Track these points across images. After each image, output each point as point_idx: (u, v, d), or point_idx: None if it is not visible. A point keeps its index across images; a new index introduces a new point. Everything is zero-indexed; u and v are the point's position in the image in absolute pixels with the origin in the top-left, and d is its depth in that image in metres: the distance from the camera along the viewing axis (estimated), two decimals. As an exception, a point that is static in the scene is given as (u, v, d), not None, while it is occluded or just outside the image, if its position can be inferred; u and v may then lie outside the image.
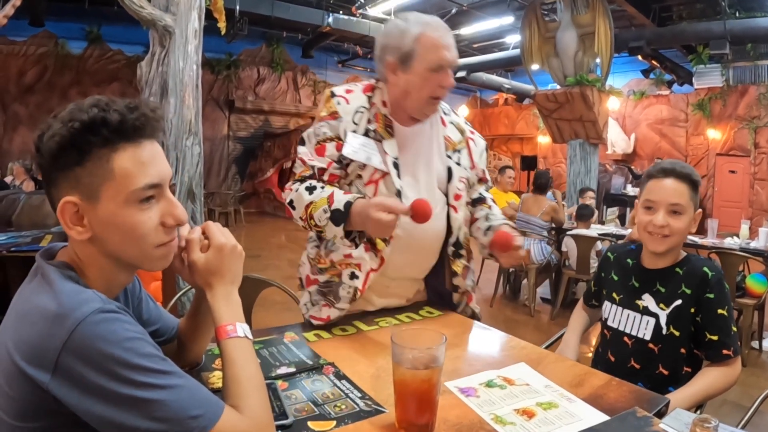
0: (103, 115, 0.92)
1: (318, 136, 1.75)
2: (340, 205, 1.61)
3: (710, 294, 1.69)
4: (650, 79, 14.09)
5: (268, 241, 10.79)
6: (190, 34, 5.01)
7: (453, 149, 1.89)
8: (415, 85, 1.71)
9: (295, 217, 1.73)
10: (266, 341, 1.62)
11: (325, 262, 1.81)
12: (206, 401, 0.90)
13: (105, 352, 0.83)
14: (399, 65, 1.71)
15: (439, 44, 1.68)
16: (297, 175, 1.77)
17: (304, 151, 1.77)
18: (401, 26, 1.71)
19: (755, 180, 12.43)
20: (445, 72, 1.71)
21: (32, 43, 12.12)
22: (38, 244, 3.79)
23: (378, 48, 1.78)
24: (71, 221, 0.95)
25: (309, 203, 1.65)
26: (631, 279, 1.83)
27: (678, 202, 1.70)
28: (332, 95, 1.79)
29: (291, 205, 1.73)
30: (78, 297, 0.89)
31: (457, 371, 1.42)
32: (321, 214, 1.62)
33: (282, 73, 15.66)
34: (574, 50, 8.47)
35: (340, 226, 1.61)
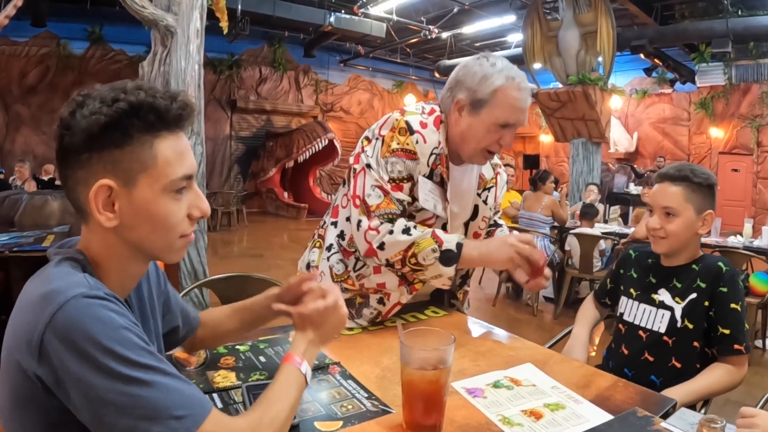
0: (151, 101, 0.91)
1: (392, 173, 1.63)
2: (451, 245, 1.57)
3: (723, 288, 1.73)
4: (652, 78, 14.06)
5: (270, 241, 10.80)
6: (191, 34, 5.01)
7: (484, 187, 1.88)
8: (476, 132, 1.65)
9: (380, 257, 1.62)
10: (271, 340, 1.62)
11: (354, 285, 1.76)
12: (192, 401, 0.86)
13: (87, 337, 0.80)
14: (468, 107, 1.65)
15: (515, 105, 1.63)
16: (378, 207, 1.63)
17: (377, 178, 1.64)
18: (486, 70, 1.63)
19: (758, 178, 12.41)
20: (510, 130, 1.66)
21: (34, 44, 12.13)
22: (40, 244, 3.80)
23: (452, 80, 1.71)
24: (104, 206, 0.91)
25: (411, 243, 1.57)
26: (649, 276, 1.89)
27: (668, 205, 1.78)
28: (410, 130, 1.65)
29: (380, 247, 1.60)
30: (66, 279, 0.88)
31: (464, 371, 1.42)
32: (428, 253, 1.57)
33: (284, 72, 15.67)
34: (576, 49, 8.46)
35: (451, 266, 1.58)
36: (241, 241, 10.74)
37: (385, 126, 1.67)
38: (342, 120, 16.77)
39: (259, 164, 14.85)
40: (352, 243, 1.73)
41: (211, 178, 13.81)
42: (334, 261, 1.78)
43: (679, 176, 1.77)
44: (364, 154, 1.68)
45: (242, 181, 15.22)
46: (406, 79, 17.71)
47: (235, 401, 1.24)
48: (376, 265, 1.71)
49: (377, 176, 1.64)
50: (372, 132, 1.71)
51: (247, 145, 15.25)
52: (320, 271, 1.82)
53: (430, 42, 13.78)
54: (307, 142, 13.57)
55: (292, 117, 15.84)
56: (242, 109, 14.95)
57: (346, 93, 16.94)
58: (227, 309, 1.41)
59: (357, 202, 1.66)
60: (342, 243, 1.78)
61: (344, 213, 1.78)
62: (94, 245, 0.97)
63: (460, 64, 1.72)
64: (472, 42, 14.11)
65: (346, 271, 1.76)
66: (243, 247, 10.09)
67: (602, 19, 8.18)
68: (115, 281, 0.98)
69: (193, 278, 5.08)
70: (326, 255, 1.81)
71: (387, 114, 1.72)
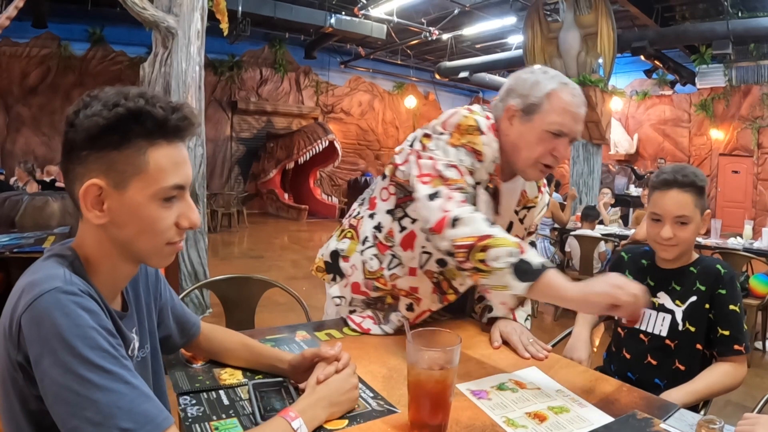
0: (150, 108, 0.93)
1: (462, 162, 1.52)
2: (533, 260, 1.31)
3: (722, 290, 1.73)
4: (653, 80, 14.07)
5: (271, 242, 10.79)
6: (192, 36, 5.01)
7: (524, 205, 1.80)
8: (527, 141, 1.55)
9: (450, 235, 1.38)
10: (278, 339, 1.63)
11: (386, 285, 1.72)
12: (144, 416, 0.85)
13: (52, 330, 0.83)
14: (519, 114, 1.56)
15: (569, 110, 1.53)
16: (456, 181, 1.48)
17: (448, 160, 1.51)
18: (538, 76, 1.57)
19: (758, 180, 12.41)
20: (563, 140, 1.55)
21: (35, 45, 12.13)
22: (41, 245, 3.80)
23: (504, 89, 1.64)
24: (92, 204, 0.95)
25: (488, 234, 1.34)
26: (646, 278, 1.87)
27: (683, 214, 1.74)
28: (479, 129, 1.55)
29: (454, 222, 1.38)
30: (45, 272, 0.91)
31: (469, 374, 1.43)
32: (503, 254, 1.31)
33: (284, 74, 15.67)
34: (576, 50, 8.46)
35: (524, 282, 1.29)
36: (242, 243, 10.74)
37: (449, 123, 1.57)
38: (342, 121, 16.77)
39: (259, 165, 14.86)
40: (391, 237, 1.69)
41: (212, 179, 13.81)
42: (369, 255, 1.74)
43: (687, 182, 1.73)
44: (426, 152, 1.55)
45: (243, 183, 15.22)
46: (406, 81, 17.72)
47: (241, 398, 1.25)
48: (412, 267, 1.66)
49: (449, 159, 1.51)
50: (432, 128, 1.60)
51: (247, 147, 15.26)
52: (351, 263, 1.79)
53: (430, 43, 13.78)
54: (308, 143, 13.57)
55: (292, 118, 15.85)
56: (243, 110, 14.96)
57: (346, 94, 16.95)
58: (240, 339, 1.43)
59: (426, 179, 1.48)
60: (378, 236, 1.73)
61: (384, 206, 1.74)
62: (87, 241, 1.01)
63: (511, 75, 1.66)
64: (473, 43, 14.11)
65: (380, 269, 1.72)
66: (243, 249, 10.09)
67: (603, 20, 8.18)
68: (106, 278, 1.01)
69: (194, 279, 5.08)
70: (360, 248, 1.77)
71: (451, 111, 1.61)
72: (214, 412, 1.18)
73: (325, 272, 1.88)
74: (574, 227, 6.28)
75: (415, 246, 1.67)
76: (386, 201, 1.74)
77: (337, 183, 16.69)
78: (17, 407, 0.90)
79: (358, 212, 1.86)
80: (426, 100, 18.42)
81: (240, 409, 1.20)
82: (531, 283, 1.29)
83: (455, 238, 1.36)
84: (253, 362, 1.38)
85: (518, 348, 1.61)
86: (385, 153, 17.70)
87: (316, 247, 9.61)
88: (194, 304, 5.10)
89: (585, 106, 1.58)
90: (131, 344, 1.07)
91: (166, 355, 1.40)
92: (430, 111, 18.41)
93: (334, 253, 1.84)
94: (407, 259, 1.68)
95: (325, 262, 1.88)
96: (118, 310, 1.05)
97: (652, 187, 1.81)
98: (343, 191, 16.05)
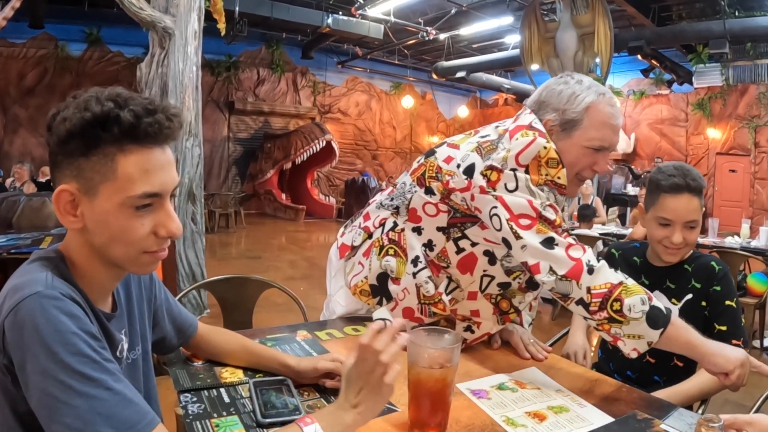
0: (117, 113, 0.89)
1: (550, 200, 1.44)
2: (660, 305, 1.33)
3: (717, 286, 1.75)
4: (650, 79, 14.06)
5: (268, 243, 10.79)
6: (189, 36, 5.01)
7: None
8: (567, 157, 1.46)
9: (587, 283, 1.33)
10: (278, 339, 1.63)
11: (445, 311, 1.62)
12: (125, 422, 0.84)
13: (33, 335, 0.83)
14: (557, 129, 1.49)
15: (608, 122, 1.47)
16: (562, 222, 1.42)
17: (540, 203, 1.41)
18: (573, 88, 1.49)
19: (755, 179, 12.42)
20: (604, 155, 1.51)
21: (32, 46, 12.12)
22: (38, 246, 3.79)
23: (535, 101, 1.55)
24: (65, 209, 0.94)
25: (620, 282, 1.33)
26: (641, 277, 1.86)
27: (694, 219, 1.74)
28: (561, 163, 1.45)
29: (590, 270, 1.34)
30: (28, 277, 0.91)
31: (469, 373, 1.44)
32: (637, 303, 1.30)
33: (282, 74, 15.66)
34: (573, 50, 8.47)
35: (658, 329, 1.30)
36: (239, 243, 10.73)
37: (525, 154, 1.42)
38: (340, 121, 16.76)
39: (257, 166, 14.85)
40: (445, 256, 1.57)
41: (209, 179, 13.80)
42: (423, 278, 1.59)
43: (696, 187, 1.72)
44: (498, 191, 1.42)
45: (240, 183, 15.21)
46: (403, 81, 17.71)
47: (242, 396, 1.26)
48: (472, 291, 1.58)
49: (541, 201, 1.41)
50: (502, 161, 1.43)
51: (244, 147, 15.25)
52: (403, 286, 1.62)
53: (427, 43, 13.78)
54: (305, 143, 13.57)
55: (290, 118, 15.83)
56: (240, 110, 14.95)
57: (343, 94, 16.94)
58: (239, 341, 1.42)
59: (524, 222, 1.39)
60: (430, 254, 1.59)
61: (433, 222, 1.58)
62: (71, 244, 1.00)
63: (542, 85, 1.58)
64: (470, 43, 14.11)
65: (437, 293, 1.59)
66: (241, 249, 10.08)
67: (600, 20, 8.19)
68: (91, 279, 0.99)
69: (191, 280, 5.08)
70: (412, 269, 1.61)
71: (521, 139, 1.44)
72: (215, 410, 1.18)
73: (370, 296, 1.70)
74: (572, 227, 6.28)
75: (476, 270, 1.57)
76: (434, 217, 1.58)
77: (335, 183, 16.68)
78: (7, 410, 0.90)
79: (395, 224, 1.68)
80: (423, 100, 18.42)
81: (241, 406, 1.21)
82: (664, 329, 1.31)
83: (593, 286, 1.33)
84: (253, 364, 1.38)
85: (518, 348, 1.61)
86: (382, 153, 17.70)
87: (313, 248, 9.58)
88: (192, 305, 5.09)
89: (621, 114, 1.53)
90: (119, 345, 1.06)
91: (166, 355, 1.41)
92: (427, 111, 18.42)
93: (382, 276, 1.67)
94: (466, 283, 1.59)
95: (371, 285, 1.69)
96: (107, 311, 1.04)
97: (659, 189, 1.76)
98: (340, 191, 16.04)
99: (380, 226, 1.72)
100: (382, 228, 1.71)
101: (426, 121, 18.43)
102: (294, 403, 1.19)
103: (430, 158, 1.62)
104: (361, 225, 1.80)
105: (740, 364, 1.32)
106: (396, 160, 17.90)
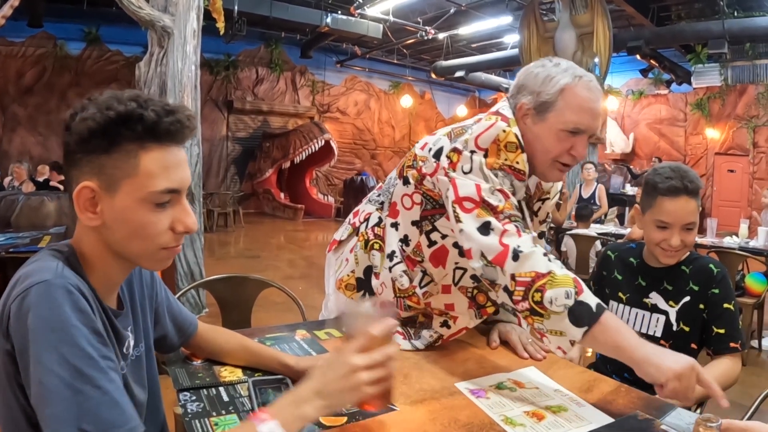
0: (140, 111, 0.93)
1: (503, 185, 1.40)
2: (590, 301, 1.25)
3: (715, 289, 1.73)
4: (649, 79, 14.08)
5: (267, 242, 10.78)
6: (188, 35, 5.00)
7: (538, 198, 1.69)
8: (542, 141, 1.46)
9: (511, 269, 1.29)
10: (277, 338, 1.64)
11: (419, 304, 1.62)
12: (108, 422, 0.84)
13: (35, 324, 0.84)
14: (532, 113, 1.47)
15: (585, 105, 1.43)
16: (504, 209, 1.37)
17: (490, 185, 1.39)
18: (549, 70, 1.46)
19: (754, 179, 12.43)
20: (581, 138, 1.46)
21: (31, 44, 12.09)
22: (37, 245, 3.79)
23: (515, 85, 1.54)
24: (84, 206, 0.96)
25: (548, 272, 1.27)
26: (637, 278, 1.85)
27: (692, 221, 1.72)
28: (521, 146, 1.43)
29: (515, 256, 1.30)
30: (38, 264, 0.93)
31: (468, 373, 1.44)
32: (560, 295, 1.23)
33: (280, 73, 15.64)
34: (572, 50, 8.47)
35: (581, 327, 1.22)
36: (238, 242, 10.73)
37: (484, 137, 1.42)
38: (339, 121, 16.75)
39: (255, 165, 14.84)
40: (419, 251, 1.56)
41: (208, 178, 13.80)
42: (398, 272, 1.60)
43: (694, 189, 1.71)
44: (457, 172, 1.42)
45: (239, 182, 15.19)
46: (402, 80, 17.70)
47: (241, 395, 1.26)
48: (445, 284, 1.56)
49: (491, 184, 1.39)
50: (465, 143, 1.44)
51: (243, 146, 15.23)
52: (381, 280, 1.65)
53: (426, 43, 13.78)
54: (304, 142, 13.56)
55: (288, 118, 15.82)
56: (239, 109, 14.93)
57: (342, 94, 16.93)
58: (239, 341, 1.43)
59: (468, 206, 1.38)
60: (406, 249, 1.60)
61: (408, 215, 1.60)
62: (84, 240, 1.01)
63: (522, 69, 1.55)
64: (469, 43, 14.10)
65: (411, 286, 1.59)
66: (240, 248, 10.08)
67: (599, 20, 8.19)
68: (101, 275, 1.01)
69: (190, 279, 5.08)
70: (388, 263, 1.62)
71: (479, 117, 1.49)
72: (214, 408, 1.19)
73: (355, 290, 1.72)
74: (570, 227, 6.29)
75: (447, 262, 1.56)
76: (410, 210, 1.60)
77: (334, 183, 16.67)
78: (11, 399, 0.91)
79: (380, 219, 1.71)
80: (422, 100, 18.42)
81: (240, 405, 1.21)
82: (587, 327, 1.22)
83: (517, 273, 1.29)
84: (252, 363, 1.39)
85: (517, 348, 1.61)
86: (381, 152, 17.70)
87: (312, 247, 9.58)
88: (190, 304, 5.09)
89: (602, 98, 1.49)
90: (126, 342, 1.07)
91: (166, 354, 1.41)
92: (426, 110, 18.41)
93: (368, 269, 1.69)
94: (439, 276, 1.57)
95: (358, 278, 1.72)
96: (114, 308, 1.06)
97: (656, 192, 1.74)
98: (339, 191, 16.03)
99: (365, 221, 1.75)
100: (366, 223, 1.74)
101: (425, 120, 18.42)
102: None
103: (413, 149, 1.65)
104: (350, 221, 1.84)
105: (675, 377, 1.13)
106: (395, 160, 17.88)
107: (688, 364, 1.16)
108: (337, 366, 0.94)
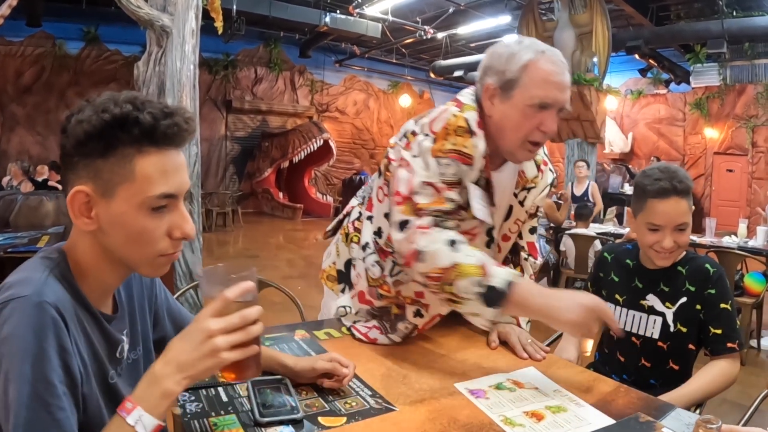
0: (136, 114, 0.90)
1: (444, 175, 1.42)
2: (498, 282, 1.30)
3: (712, 290, 1.72)
4: (648, 78, 14.09)
5: (266, 242, 10.79)
6: (187, 34, 5.00)
7: (523, 186, 1.68)
8: (510, 120, 1.45)
9: (419, 269, 1.36)
10: (276, 338, 1.64)
11: (390, 292, 1.64)
12: None
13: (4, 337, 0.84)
14: (498, 92, 1.46)
15: (549, 79, 1.42)
16: (429, 205, 1.40)
17: (425, 176, 1.42)
18: (512, 48, 1.45)
19: (753, 179, 12.45)
20: (549, 113, 1.44)
21: (29, 44, 12.08)
22: (35, 245, 3.79)
23: (481, 68, 1.53)
24: (79, 211, 0.94)
25: (452, 265, 1.31)
26: (634, 280, 1.84)
27: (684, 221, 1.70)
28: (470, 131, 1.45)
29: (419, 257, 1.35)
30: (26, 274, 0.91)
31: (467, 373, 1.44)
32: (468, 286, 1.30)
33: (279, 73, 15.63)
34: (571, 49, 8.47)
35: (496, 308, 1.30)
36: (237, 242, 10.73)
37: (438, 121, 1.46)
38: (337, 120, 16.75)
39: (254, 164, 14.84)
40: (391, 242, 1.55)
41: (207, 178, 13.80)
42: (370, 262, 1.65)
43: (683, 188, 1.68)
44: (408, 152, 1.47)
45: (238, 182, 15.19)
46: (401, 80, 17.70)
47: (240, 395, 1.26)
48: None
49: (427, 175, 1.42)
50: (421, 126, 1.49)
51: (242, 146, 15.23)
52: (357, 271, 1.71)
53: (425, 42, 13.77)
54: (303, 142, 13.57)
55: (287, 117, 15.82)
56: (238, 109, 14.92)
57: (341, 93, 16.93)
58: None
59: (399, 199, 1.44)
60: (379, 241, 1.64)
61: (381, 208, 1.64)
62: (78, 245, 0.99)
63: (487, 50, 1.54)
64: (468, 42, 14.10)
65: (382, 276, 1.62)
66: (238, 248, 10.08)
67: (597, 19, 8.20)
68: (94, 281, 0.99)
69: (188, 279, 5.07)
70: (362, 254, 1.68)
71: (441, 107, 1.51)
72: (213, 409, 1.19)
73: (336, 282, 1.78)
74: (569, 226, 6.29)
75: None
76: (382, 203, 1.64)
77: (332, 182, 16.67)
78: None
79: (360, 213, 1.77)
80: (421, 99, 18.41)
81: (238, 405, 1.21)
82: (500, 307, 1.31)
83: (425, 272, 1.36)
84: None
85: (516, 348, 1.61)
86: (380, 152, 17.68)
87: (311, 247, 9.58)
88: (189, 304, 5.08)
89: (568, 71, 1.48)
90: (119, 346, 1.06)
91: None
92: (424, 110, 18.05)
93: (348, 262, 1.75)
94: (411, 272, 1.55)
95: (338, 270, 1.77)
96: (107, 313, 1.04)
97: (646, 195, 1.73)
98: (338, 190, 16.04)
99: (347, 215, 1.84)
100: (348, 217, 1.83)
101: (424, 120, 18.40)
102: (292, 403, 1.19)
103: None
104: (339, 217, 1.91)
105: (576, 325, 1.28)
106: (394, 159, 17.88)
107: (587, 305, 1.29)
108: (191, 334, 0.90)
